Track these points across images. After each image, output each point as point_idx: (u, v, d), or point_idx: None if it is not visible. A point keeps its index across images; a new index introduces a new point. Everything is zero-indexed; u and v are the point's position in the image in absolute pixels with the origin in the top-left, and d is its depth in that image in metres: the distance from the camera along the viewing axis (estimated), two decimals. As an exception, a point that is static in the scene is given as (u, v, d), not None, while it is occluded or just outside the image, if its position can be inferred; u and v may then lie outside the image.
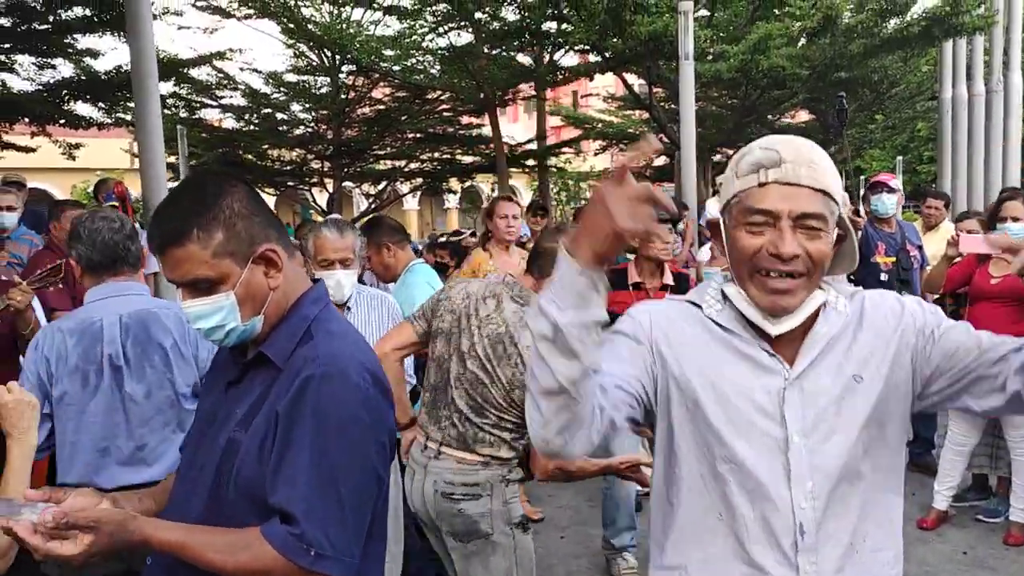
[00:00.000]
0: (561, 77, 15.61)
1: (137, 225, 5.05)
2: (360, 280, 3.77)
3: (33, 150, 11.69)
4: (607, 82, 20.62)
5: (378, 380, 1.54)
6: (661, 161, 21.24)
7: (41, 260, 4.76)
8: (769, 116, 17.57)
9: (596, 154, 23.04)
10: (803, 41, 13.65)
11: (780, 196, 1.40)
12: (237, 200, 1.53)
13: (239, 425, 1.52)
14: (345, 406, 1.46)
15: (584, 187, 27.20)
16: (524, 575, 2.72)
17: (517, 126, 27.03)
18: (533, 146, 18.65)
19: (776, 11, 13.19)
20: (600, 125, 20.58)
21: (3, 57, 10.29)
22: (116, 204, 5.22)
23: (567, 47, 14.65)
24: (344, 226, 3.33)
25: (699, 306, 1.54)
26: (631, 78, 15.26)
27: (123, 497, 1.63)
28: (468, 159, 18.83)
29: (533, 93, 17.50)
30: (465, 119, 18.08)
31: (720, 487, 1.46)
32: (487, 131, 17.62)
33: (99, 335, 2.55)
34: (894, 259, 5.53)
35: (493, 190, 26.82)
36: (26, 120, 11.06)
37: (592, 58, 15.18)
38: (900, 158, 20.67)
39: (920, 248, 5.77)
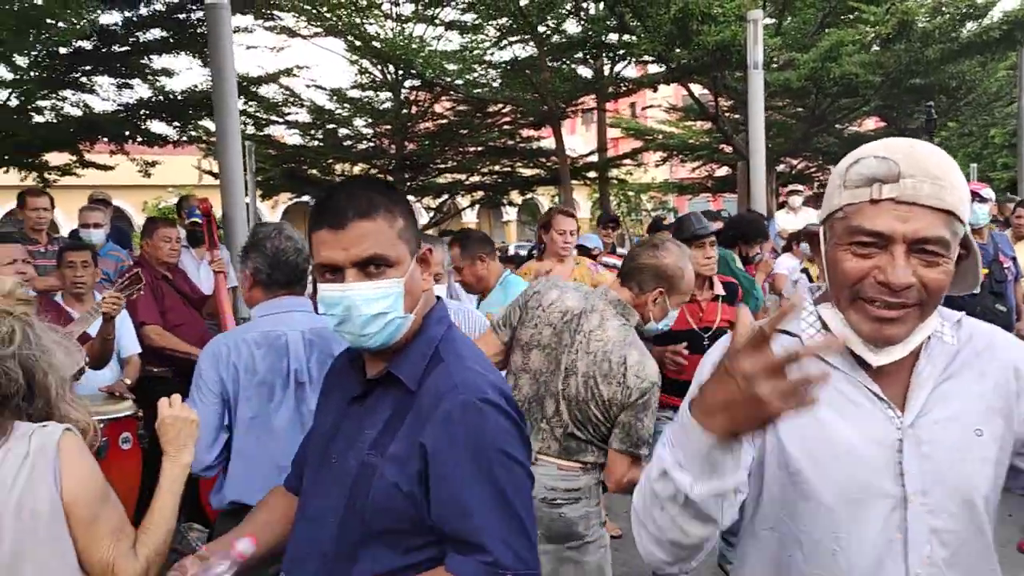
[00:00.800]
0: (624, 89, 15.49)
1: (218, 239, 5.17)
2: None
3: (112, 168, 12.04)
4: (666, 92, 20.47)
5: (511, 400, 1.54)
6: (723, 171, 21.04)
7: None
8: (838, 124, 17.16)
9: (657, 165, 22.85)
10: (876, 47, 13.32)
11: (895, 216, 1.22)
12: (405, 199, 1.57)
13: (373, 448, 1.50)
14: (496, 431, 1.46)
15: (644, 199, 27.00)
16: (608, 571, 2.76)
17: (575, 138, 26.98)
18: (594, 158, 18.57)
19: (848, 17, 12.90)
20: (661, 136, 20.39)
21: (85, 79, 10.63)
22: (199, 220, 5.30)
23: (630, 59, 14.55)
24: (435, 240, 3.32)
25: (797, 336, 1.36)
26: (695, 88, 15.10)
27: (217, 548, 1.63)
28: (528, 172, 18.84)
29: (594, 105, 17.44)
30: (525, 132, 18.08)
31: (824, 560, 1.30)
32: (546, 143, 17.61)
33: (284, 350, 2.52)
34: (987, 270, 5.33)
35: (553, 202, 26.80)
36: (105, 139, 11.41)
37: (654, 69, 15.08)
38: (974, 165, 20.04)
39: (1014, 259, 5.57)
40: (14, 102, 10.08)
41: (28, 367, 1.71)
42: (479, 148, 17.86)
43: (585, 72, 16.27)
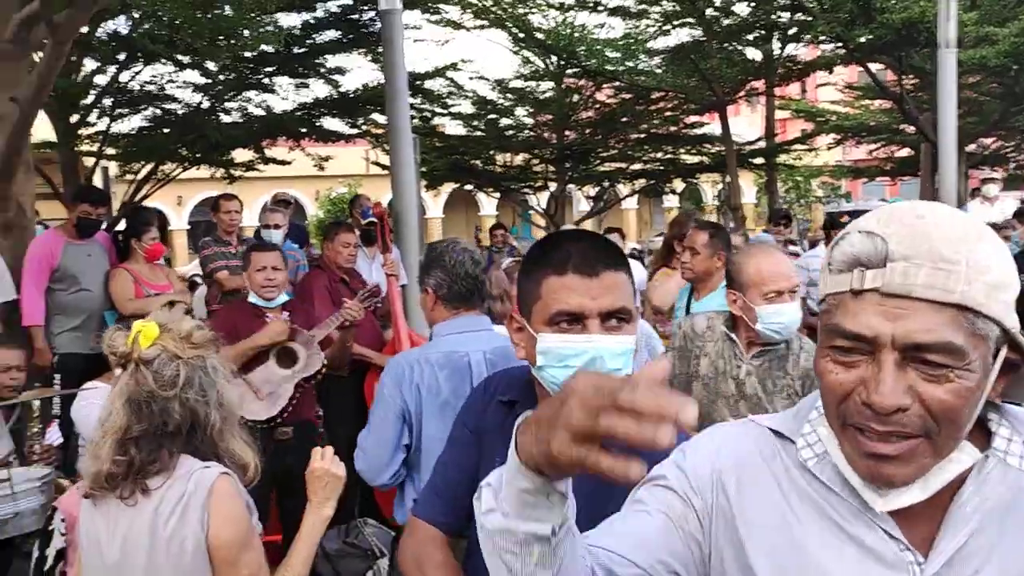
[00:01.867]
0: (796, 70, 14.72)
1: (392, 243, 5.29)
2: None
3: (289, 163, 12.75)
4: (840, 70, 19.27)
5: None
6: (904, 152, 19.59)
7: (315, 280, 5.05)
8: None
9: (828, 148, 21.64)
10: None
11: (881, 313, 0.89)
12: None
13: None
14: None
15: (814, 184, 25.66)
16: None
17: (739, 120, 25.96)
18: (761, 144, 17.80)
19: (1056, -16, 11.62)
20: (835, 118, 19.21)
21: (267, 80, 11.28)
22: (375, 221, 5.44)
23: (804, 40, 13.79)
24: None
25: (794, 442, 1.05)
26: (873, 66, 14.12)
27: None
28: (692, 159, 18.34)
29: (762, 89, 16.70)
30: (689, 119, 17.59)
31: None
32: (709, 128, 17.07)
33: (467, 371, 2.48)
34: None
35: (715, 189, 26.01)
36: (284, 137, 12.11)
37: (827, 48, 14.23)
38: None
39: None
40: (206, 104, 10.85)
41: (191, 408, 1.83)
42: (641, 136, 17.57)
43: (754, 55, 15.58)
